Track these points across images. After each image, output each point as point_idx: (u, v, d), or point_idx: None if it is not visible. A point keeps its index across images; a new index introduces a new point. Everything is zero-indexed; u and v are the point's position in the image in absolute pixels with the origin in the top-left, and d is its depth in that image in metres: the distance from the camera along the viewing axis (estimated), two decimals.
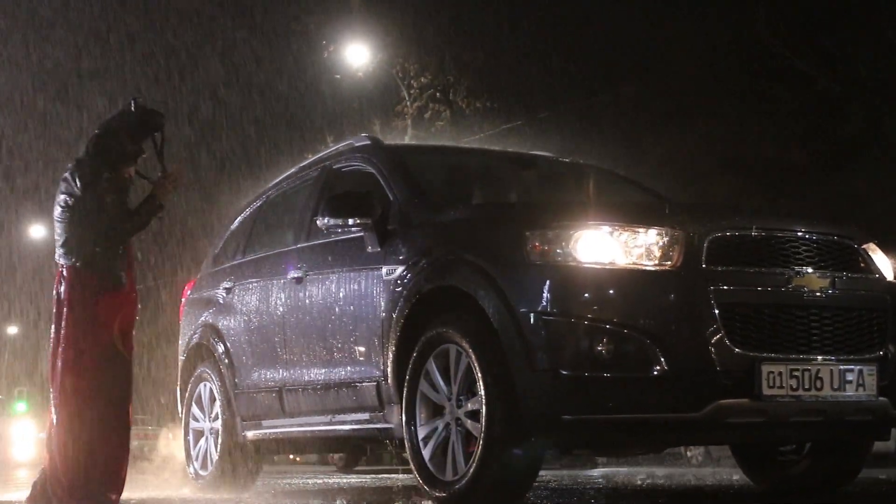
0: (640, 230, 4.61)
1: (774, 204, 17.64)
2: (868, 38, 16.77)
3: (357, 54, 20.82)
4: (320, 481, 9.02)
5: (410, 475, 5.27)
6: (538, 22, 19.85)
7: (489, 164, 6.89)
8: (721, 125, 18.29)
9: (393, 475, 10.67)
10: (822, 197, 17.54)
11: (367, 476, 10.60)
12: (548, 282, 4.55)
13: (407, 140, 20.58)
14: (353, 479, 9.51)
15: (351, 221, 5.50)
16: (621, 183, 6.80)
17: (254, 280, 6.80)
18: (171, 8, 22.91)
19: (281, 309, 6.32)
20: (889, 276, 5.14)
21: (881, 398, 4.80)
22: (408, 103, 21.21)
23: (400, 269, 5.33)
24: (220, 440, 7.09)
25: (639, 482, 7.99)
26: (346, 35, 20.78)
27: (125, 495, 5.55)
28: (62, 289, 5.60)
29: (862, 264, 5.02)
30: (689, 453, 16.66)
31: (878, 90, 16.60)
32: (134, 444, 5.84)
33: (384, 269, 5.43)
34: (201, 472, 7.33)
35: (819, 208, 16.46)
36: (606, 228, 4.61)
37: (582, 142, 18.59)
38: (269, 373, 6.46)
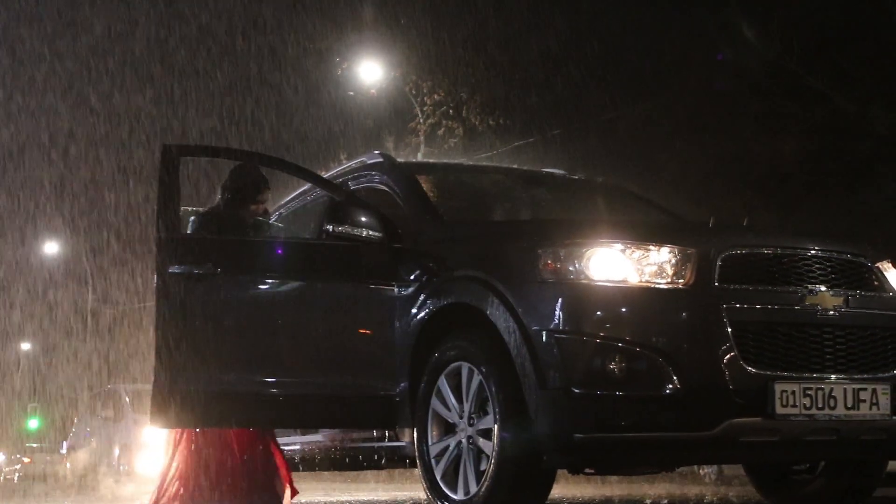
0: (653, 248, 4.61)
1: (788, 222, 17.61)
2: (883, 56, 16.76)
3: (370, 71, 20.90)
4: (332, 499, 9.01)
5: (423, 493, 5.26)
6: (551, 39, 19.88)
7: (501, 181, 6.89)
8: (735, 142, 18.27)
9: (405, 493, 10.64)
10: (837, 215, 17.50)
11: (379, 492, 10.59)
12: (560, 299, 4.55)
13: (420, 157, 20.61)
14: (363, 496, 9.50)
15: (365, 233, 5.49)
16: (634, 200, 6.79)
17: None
18: (182, 24, 23.00)
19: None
20: None
21: (895, 417, 4.78)
22: (421, 120, 21.25)
23: (412, 287, 5.33)
24: None
25: (650, 501, 7.95)
26: (360, 52, 20.86)
27: None
28: None
29: (875, 282, 5.00)
30: (702, 472, 16.58)
31: (892, 108, 16.58)
32: None
33: (396, 286, 5.42)
34: None
35: (833, 226, 16.44)
36: (619, 246, 4.61)
37: (595, 159, 18.61)
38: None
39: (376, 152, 6.52)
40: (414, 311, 5.25)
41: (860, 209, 17.96)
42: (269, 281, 5.71)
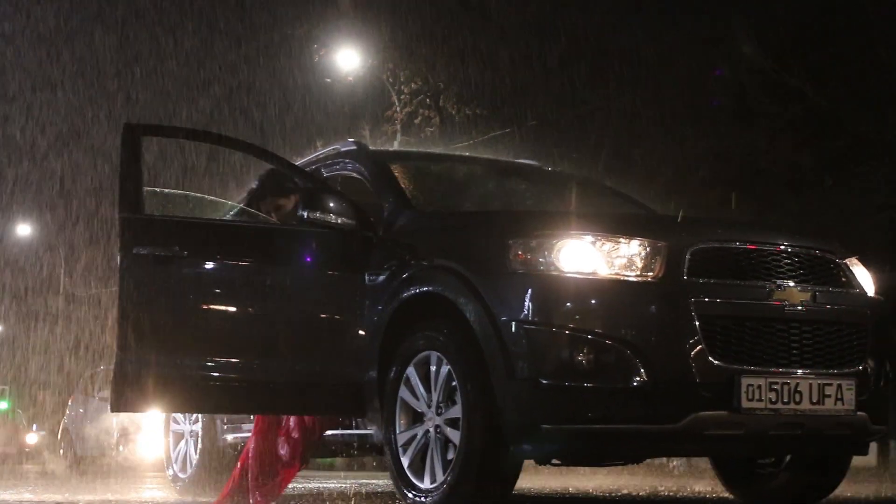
0: (623, 241, 4.63)
1: (763, 217, 17.69)
2: (858, 55, 16.84)
3: (347, 59, 20.83)
4: (300, 485, 9.00)
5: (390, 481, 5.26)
6: (530, 30, 19.87)
7: (475, 171, 6.90)
8: (710, 137, 18.33)
9: (374, 481, 10.65)
10: (812, 211, 17.59)
11: (348, 481, 10.58)
12: (529, 290, 4.56)
13: (396, 145, 20.57)
14: (332, 484, 9.50)
15: (339, 220, 5.47)
16: (606, 193, 6.82)
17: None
18: (158, 9, 22.86)
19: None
20: (870, 291, 5.18)
21: (860, 413, 4.83)
22: (398, 109, 21.21)
23: (382, 275, 5.33)
24: (199, 443, 7.08)
25: (616, 492, 7.99)
26: (337, 39, 20.80)
27: (98, 496, 5.54)
28: None
29: (843, 279, 5.04)
30: (671, 464, 16.68)
31: (867, 107, 16.66)
32: None
33: (367, 274, 5.42)
34: (180, 475, 7.32)
35: (807, 223, 16.51)
36: (589, 238, 4.63)
37: (571, 151, 18.63)
38: None
39: (350, 140, 6.52)
40: (384, 299, 5.25)
41: (834, 206, 18.05)
42: (238, 265, 5.63)
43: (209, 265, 5.59)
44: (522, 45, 19.76)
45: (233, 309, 5.63)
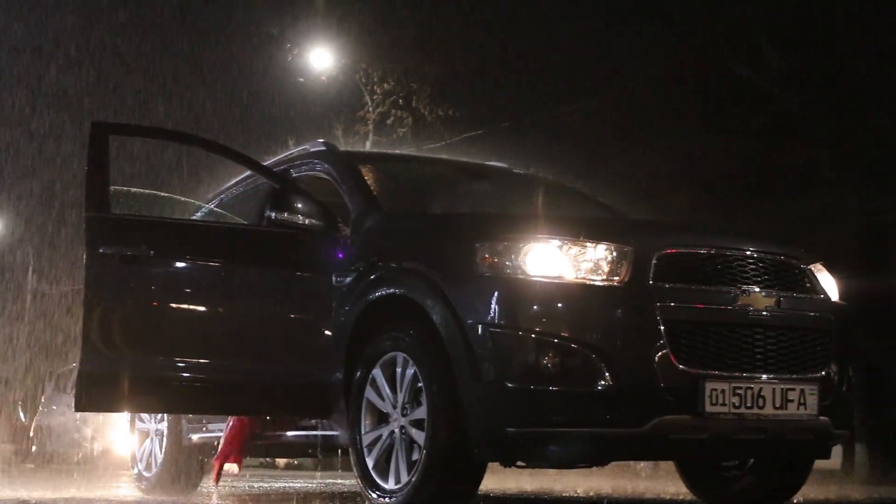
0: (589, 245, 4.64)
1: (733, 221, 17.77)
2: (827, 60, 16.95)
3: (321, 59, 20.79)
4: (266, 485, 8.99)
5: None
6: (503, 32, 19.89)
7: (444, 173, 6.90)
8: (682, 141, 18.40)
9: (341, 481, 10.64)
10: (781, 216, 17.68)
11: (314, 481, 10.57)
12: (496, 294, 4.57)
13: (369, 146, 20.56)
14: (298, 484, 9.49)
15: (306, 221, 5.48)
16: (575, 196, 6.84)
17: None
18: (127, 6, 22.69)
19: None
20: (834, 297, 5.21)
21: (822, 417, 4.86)
22: (370, 109, 21.18)
23: (350, 276, 5.33)
24: (165, 442, 7.06)
25: (582, 494, 8.02)
26: (310, 39, 20.76)
27: (64, 494, 5.51)
28: None
29: (808, 284, 5.08)
30: (638, 466, 16.74)
31: (836, 113, 16.77)
32: None
33: (334, 276, 5.42)
34: (145, 474, 7.29)
35: (776, 228, 16.60)
36: (556, 242, 4.64)
37: (543, 153, 18.65)
38: None
39: (320, 140, 6.50)
40: (351, 300, 5.25)
41: (803, 211, 18.16)
42: (205, 265, 5.62)
43: (176, 265, 5.57)
44: (496, 47, 19.78)
45: (199, 309, 5.62)
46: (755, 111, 17.17)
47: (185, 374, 5.44)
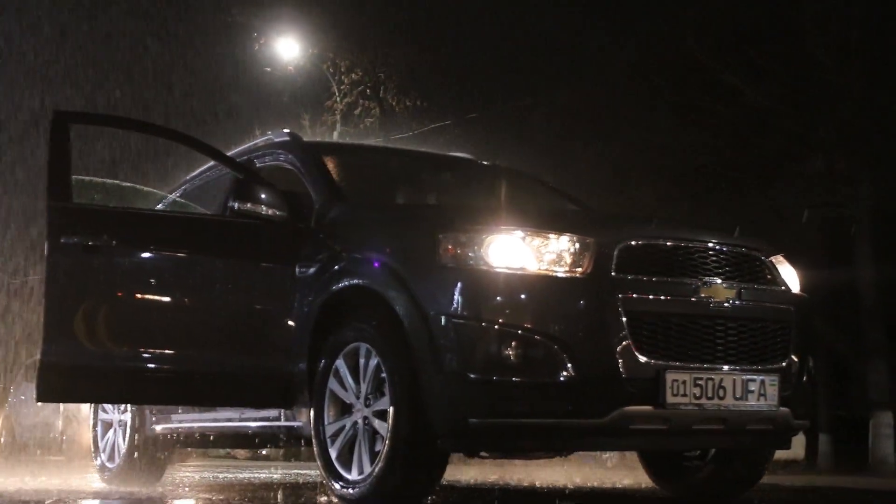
0: (552, 236, 4.65)
1: (700, 213, 17.87)
2: (795, 54, 17.05)
3: (288, 48, 20.73)
4: (230, 475, 8.97)
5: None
6: (471, 23, 19.91)
7: (409, 164, 6.90)
8: (650, 134, 18.47)
9: (306, 471, 10.63)
10: (748, 209, 17.80)
11: (279, 472, 10.56)
12: (459, 285, 4.57)
13: (336, 136, 20.51)
14: (262, 474, 9.47)
15: (270, 212, 5.46)
16: (539, 188, 6.85)
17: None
18: None
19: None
20: (795, 289, 5.26)
21: (782, 408, 4.91)
22: (338, 99, 21.14)
23: (313, 267, 5.32)
24: (128, 432, 7.03)
25: (545, 484, 8.05)
26: (278, 28, 20.68)
27: (31, 485, 5.48)
28: None
29: (769, 276, 5.12)
30: (604, 456, 16.81)
31: (804, 106, 16.88)
32: None
33: (297, 266, 5.41)
34: (108, 465, 7.26)
35: (743, 220, 16.68)
36: (519, 233, 4.65)
37: (511, 145, 18.68)
38: None
39: (285, 131, 6.48)
40: (314, 291, 5.24)
41: (771, 203, 18.29)
42: (168, 256, 5.58)
43: (139, 255, 5.54)
44: (465, 38, 19.79)
45: (162, 299, 5.58)
46: (724, 104, 17.25)
47: (148, 365, 5.42)
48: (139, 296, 5.53)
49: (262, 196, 5.45)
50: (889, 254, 17.53)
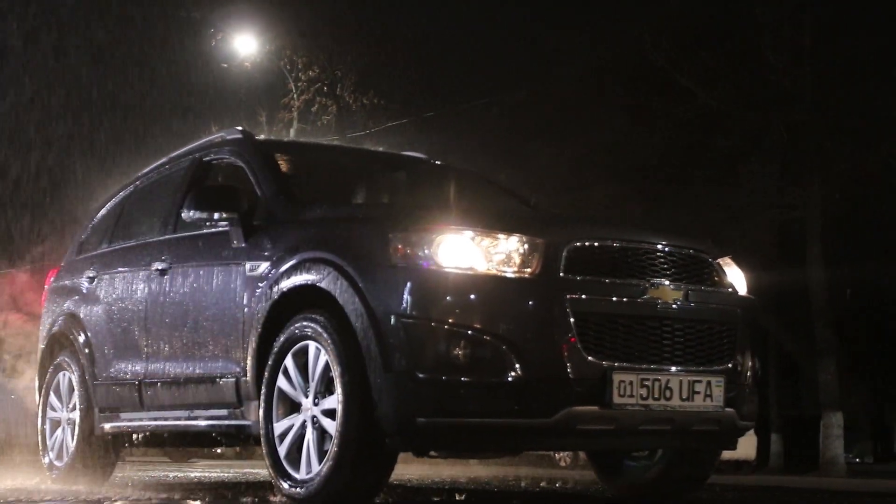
0: (501, 236, 4.67)
1: (654, 213, 17.98)
2: (747, 57, 17.22)
3: (245, 44, 20.63)
4: (181, 474, 8.93)
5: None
6: (430, 23, 19.93)
7: (361, 163, 6.90)
8: (604, 134, 18.57)
9: (257, 470, 10.60)
10: (700, 210, 17.93)
11: (230, 471, 10.52)
12: (408, 284, 4.58)
13: (293, 133, 20.45)
14: (213, 474, 9.43)
15: (217, 215, 5.49)
16: (491, 188, 6.87)
17: (118, 270, 6.68)
18: None
19: (143, 301, 6.23)
20: (742, 290, 5.30)
21: (728, 409, 4.95)
22: (294, 96, 21.07)
23: (263, 266, 5.31)
24: (76, 431, 6.97)
25: (494, 484, 8.08)
26: (235, 24, 20.58)
27: None
28: None
29: (716, 278, 5.16)
30: (558, 455, 16.89)
31: (756, 108, 17.04)
32: None
33: (247, 265, 5.40)
34: (56, 463, 7.19)
35: (695, 221, 16.83)
36: (468, 233, 4.66)
37: (466, 144, 18.72)
38: (128, 365, 6.36)
39: (237, 128, 6.47)
40: (264, 289, 5.24)
41: (723, 204, 18.45)
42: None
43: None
44: (423, 37, 19.80)
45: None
46: (677, 105, 17.39)
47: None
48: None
49: (214, 200, 5.49)
50: (839, 255, 17.74)
